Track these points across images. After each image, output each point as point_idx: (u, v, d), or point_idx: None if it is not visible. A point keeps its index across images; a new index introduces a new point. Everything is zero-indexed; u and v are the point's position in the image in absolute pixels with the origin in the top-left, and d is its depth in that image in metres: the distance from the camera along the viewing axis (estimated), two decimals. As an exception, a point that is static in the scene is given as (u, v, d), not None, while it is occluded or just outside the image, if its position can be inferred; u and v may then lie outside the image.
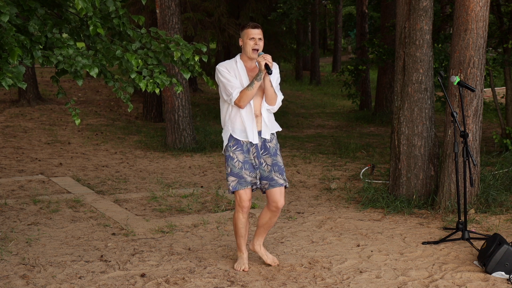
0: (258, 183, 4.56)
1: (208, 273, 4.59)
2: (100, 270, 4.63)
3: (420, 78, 6.43)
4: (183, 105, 10.94)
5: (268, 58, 4.35)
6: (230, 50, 18.38)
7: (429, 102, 6.49)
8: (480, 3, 6.02)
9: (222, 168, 9.07)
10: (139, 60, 4.83)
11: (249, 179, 4.48)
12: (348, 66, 15.50)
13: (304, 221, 6.08)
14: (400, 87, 6.58)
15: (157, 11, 10.83)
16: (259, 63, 4.35)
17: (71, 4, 5.33)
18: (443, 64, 10.57)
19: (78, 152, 10.43)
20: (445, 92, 5.97)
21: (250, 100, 4.40)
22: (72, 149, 10.70)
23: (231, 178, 4.48)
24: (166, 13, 10.74)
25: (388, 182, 7.08)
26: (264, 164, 4.56)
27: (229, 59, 4.73)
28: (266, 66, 4.32)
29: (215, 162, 9.56)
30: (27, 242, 5.32)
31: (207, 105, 16.59)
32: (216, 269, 4.66)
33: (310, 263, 4.81)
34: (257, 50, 4.43)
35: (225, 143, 4.52)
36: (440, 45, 11.29)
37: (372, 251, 5.12)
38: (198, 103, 16.78)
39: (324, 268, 4.72)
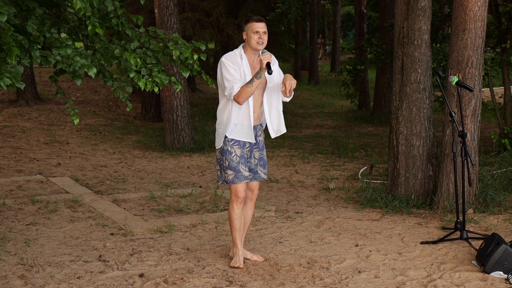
0: (248, 175, 4.64)
1: (206, 273, 4.59)
2: (99, 270, 4.63)
3: (418, 78, 6.43)
4: (181, 105, 10.94)
5: (270, 57, 4.44)
6: (229, 50, 18.36)
7: (427, 102, 6.50)
8: (479, 3, 6.03)
9: (221, 168, 9.06)
10: (138, 59, 4.83)
11: (245, 173, 4.58)
12: (347, 66, 15.49)
13: (303, 221, 6.09)
14: (399, 87, 6.58)
15: (156, 11, 10.83)
16: (261, 61, 4.42)
17: (70, 4, 5.32)
18: (442, 64, 10.58)
19: (77, 152, 10.43)
20: (443, 92, 5.97)
21: (249, 97, 4.46)
22: (70, 149, 10.69)
23: (229, 172, 4.57)
24: (165, 13, 10.73)
25: (386, 182, 7.08)
26: (252, 157, 4.69)
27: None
28: (268, 65, 4.37)
29: (213, 162, 9.56)
30: (25, 242, 5.32)
31: (205, 105, 16.59)
32: (215, 269, 4.66)
33: (308, 263, 4.81)
34: (262, 43, 4.46)
35: (221, 137, 4.59)
36: (438, 45, 11.29)
37: (370, 251, 5.12)
38: (197, 103, 16.77)
39: (322, 268, 4.72)
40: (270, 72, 4.39)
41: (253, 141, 4.62)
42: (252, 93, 4.44)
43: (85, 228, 5.81)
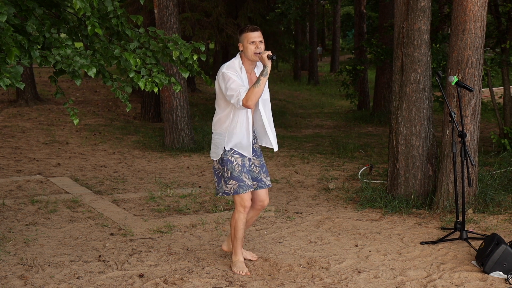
0: (251, 184, 4.54)
1: (206, 273, 4.59)
2: (98, 270, 4.62)
3: (418, 78, 6.43)
4: (181, 105, 10.94)
5: (268, 51, 4.36)
6: (228, 50, 18.35)
7: (427, 102, 6.50)
8: (478, 3, 6.03)
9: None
10: (138, 60, 4.83)
11: (249, 182, 4.47)
12: (346, 66, 15.51)
13: (302, 221, 6.08)
14: (398, 87, 6.59)
15: (155, 11, 10.83)
16: (261, 58, 4.31)
17: (69, 4, 5.33)
18: (441, 64, 10.58)
19: (76, 152, 10.43)
20: (443, 92, 5.96)
21: (258, 99, 4.31)
22: (70, 149, 10.69)
23: (232, 182, 4.45)
24: (164, 13, 10.73)
25: (386, 182, 7.08)
26: (253, 165, 4.62)
27: (227, 59, 4.73)
28: (268, 56, 4.30)
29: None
30: (25, 242, 5.32)
31: (205, 105, 16.59)
32: (215, 269, 4.66)
33: (308, 263, 4.81)
34: (259, 53, 4.38)
35: (219, 148, 4.47)
36: (438, 45, 11.30)
37: (370, 251, 5.12)
38: (196, 103, 16.78)
39: (322, 268, 4.72)
40: (274, 58, 4.32)
41: (250, 156, 4.49)
42: (261, 93, 4.29)
43: (85, 228, 5.81)
